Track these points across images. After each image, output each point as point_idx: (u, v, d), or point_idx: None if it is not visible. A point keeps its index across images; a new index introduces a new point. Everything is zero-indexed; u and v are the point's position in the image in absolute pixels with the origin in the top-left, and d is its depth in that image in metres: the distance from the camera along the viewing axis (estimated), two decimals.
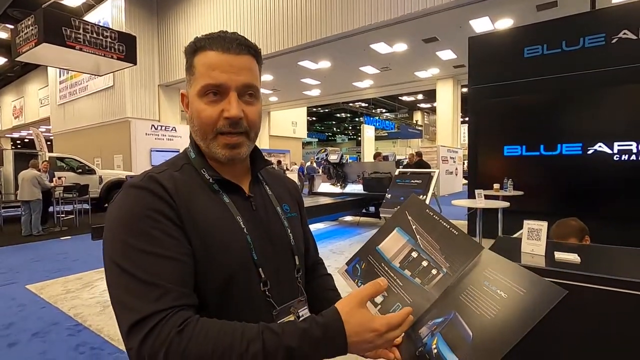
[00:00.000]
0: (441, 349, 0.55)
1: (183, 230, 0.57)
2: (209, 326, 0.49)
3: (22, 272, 4.52)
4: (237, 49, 0.62)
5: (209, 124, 0.62)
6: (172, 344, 0.47)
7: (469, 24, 9.22)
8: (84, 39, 7.30)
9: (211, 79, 0.61)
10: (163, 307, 0.50)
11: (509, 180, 4.88)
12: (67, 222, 8.12)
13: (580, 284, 1.29)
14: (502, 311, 0.53)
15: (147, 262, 0.52)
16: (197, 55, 0.63)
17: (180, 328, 0.48)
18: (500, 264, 0.59)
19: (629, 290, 1.21)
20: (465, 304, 0.57)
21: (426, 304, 0.61)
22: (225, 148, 0.64)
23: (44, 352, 2.54)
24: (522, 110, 5.23)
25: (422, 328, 0.59)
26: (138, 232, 0.54)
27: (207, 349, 0.47)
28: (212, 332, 0.48)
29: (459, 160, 15.42)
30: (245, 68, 0.63)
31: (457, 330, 0.55)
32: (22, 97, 23.16)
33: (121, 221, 0.55)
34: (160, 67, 14.32)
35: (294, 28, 10.23)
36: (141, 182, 0.59)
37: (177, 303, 0.51)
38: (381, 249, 0.70)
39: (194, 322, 0.49)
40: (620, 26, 4.49)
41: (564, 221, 1.92)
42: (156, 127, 13.64)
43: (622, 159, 4.48)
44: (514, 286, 0.54)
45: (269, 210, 0.72)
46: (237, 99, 0.62)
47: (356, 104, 26.30)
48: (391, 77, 14.66)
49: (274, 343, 0.48)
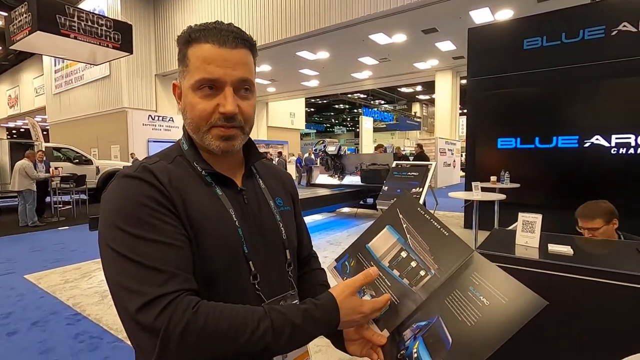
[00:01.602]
0: (421, 354, 0.55)
1: (180, 220, 0.58)
2: (221, 307, 0.52)
3: (20, 262, 4.53)
4: (233, 43, 0.61)
5: (203, 118, 0.62)
6: (190, 322, 0.49)
7: (468, 15, 9.14)
8: (78, 27, 7.19)
9: (206, 74, 0.60)
10: (171, 289, 0.50)
11: (506, 173, 4.90)
12: (64, 212, 8.11)
13: (572, 276, 1.31)
14: (482, 319, 0.53)
15: (147, 248, 0.53)
16: (192, 47, 0.62)
17: (195, 309, 0.50)
18: (487, 269, 0.58)
19: (620, 282, 1.23)
20: (448, 309, 0.57)
21: (413, 306, 0.61)
22: (220, 140, 0.63)
23: (44, 340, 2.56)
24: (521, 102, 5.22)
25: (406, 331, 0.60)
26: (135, 220, 0.54)
27: (224, 326, 0.50)
28: (225, 312, 0.51)
29: (456, 152, 15.43)
30: (241, 62, 0.62)
31: (438, 335, 0.55)
32: (17, 86, 22.89)
33: (117, 210, 0.55)
34: (157, 56, 14.16)
35: (293, 18, 10.11)
36: (135, 172, 0.59)
37: (184, 287, 0.52)
38: (371, 247, 0.69)
39: (205, 303, 0.52)
40: (620, 18, 4.46)
41: (592, 202, 1.88)
42: (153, 118, 13.56)
43: (620, 152, 4.49)
44: (497, 294, 0.54)
45: (261, 203, 0.71)
46: (232, 94, 0.61)
47: (355, 95, 26.16)
48: (390, 68, 14.57)
49: (280, 321, 0.53)
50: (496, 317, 0.52)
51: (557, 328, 1.35)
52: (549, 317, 1.35)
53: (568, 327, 1.34)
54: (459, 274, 0.59)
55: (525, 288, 0.53)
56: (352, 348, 0.67)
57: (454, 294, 0.58)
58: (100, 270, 4.09)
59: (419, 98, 28.92)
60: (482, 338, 0.52)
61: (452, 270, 0.60)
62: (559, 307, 1.33)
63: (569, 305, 1.32)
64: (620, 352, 1.25)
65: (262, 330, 0.51)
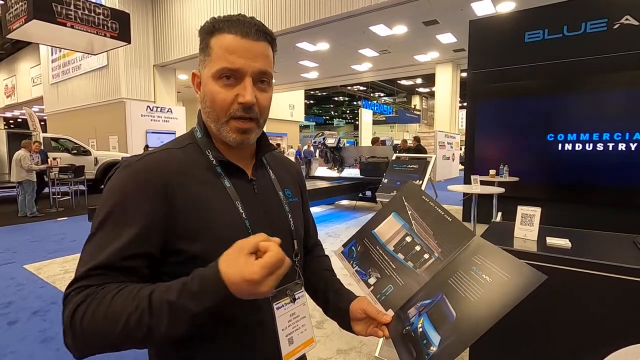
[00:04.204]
0: (426, 328, 0.58)
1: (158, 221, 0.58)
2: (104, 296, 0.51)
3: (20, 252, 4.54)
4: (256, 35, 0.63)
5: (223, 107, 0.63)
6: (74, 320, 0.51)
7: (470, 7, 9.05)
8: (75, 15, 7.09)
9: (228, 63, 0.61)
10: (79, 285, 0.53)
11: (505, 167, 4.91)
12: (63, 203, 8.10)
13: (570, 269, 1.32)
14: (485, 294, 0.55)
15: (99, 237, 0.57)
16: (214, 37, 0.63)
17: (75, 307, 0.51)
18: (489, 250, 0.61)
19: (617, 274, 1.24)
20: (452, 287, 0.59)
21: (416, 287, 0.63)
22: (237, 132, 0.64)
23: (44, 330, 2.58)
24: (522, 95, 5.21)
25: (411, 309, 0.62)
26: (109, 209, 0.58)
27: (98, 319, 0.50)
28: (105, 302, 0.51)
29: (456, 145, 15.41)
30: (261, 54, 0.63)
31: (443, 311, 0.57)
32: (14, 75, 22.66)
33: (105, 197, 0.59)
34: (156, 47, 13.99)
35: (292, 8, 9.99)
36: (136, 163, 0.61)
37: (93, 282, 0.54)
38: (377, 233, 0.72)
39: (93, 297, 0.52)
40: (622, 11, 4.43)
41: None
42: (152, 109, 13.45)
43: (619, 147, 4.50)
44: (499, 271, 0.56)
45: (270, 194, 0.73)
46: (251, 85, 0.62)
47: (354, 88, 26.02)
48: (390, 60, 14.46)
49: (158, 299, 0.50)
50: (498, 292, 0.55)
51: (555, 319, 1.37)
52: (547, 309, 1.36)
53: (565, 319, 1.36)
54: (462, 256, 0.62)
55: (525, 264, 0.56)
56: (357, 327, 0.70)
57: (457, 274, 0.60)
58: None
59: (419, 91, 28.77)
60: (485, 311, 0.54)
61: (455, 253, 0.63)
62: (556, 299, 1.34)
63: (566, 297, 1.33)
64: (616, 344, 1.27)
65: (139, 312, 0.49)
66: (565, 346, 1.37)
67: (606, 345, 1.28)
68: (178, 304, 0.49)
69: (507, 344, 1.43)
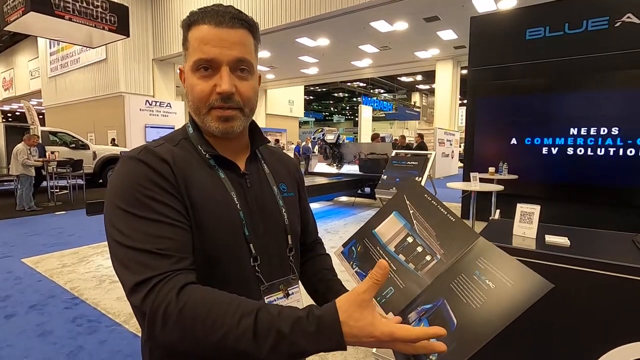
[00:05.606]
0: None
1: (180, 201, 0.58)
2: (208, 293, 0.50)
3: (18, 246, 4.53)
4: (230, 23, 0.61)
5: (202, 99, 0.62)
6: (170, 303, 0.48)
7: (471, 3, 9.01)
8: (73, 8, 7.02)
9: (203, 54, 0.60)
10: (161, 270, 0.51)
11: (504, 164, 4.91)
12: (61, 197, 8.08)
13: (568, 267, 1.32)
14: (488, 302, 0.53)
15: (143, 228, 0.54)
16: (191, 30, 0.63)
17: (179, 290, 0.49)
18: (493, 253, 0.58)
19: (616, 273, 1.24)
20: (454, 292, 0.57)
21: (418, 290, 0.61)
22: (218, 121, 0.63)
23: (42, 323, 2.58)
24: (522, 93, 5.19)
25: (412, 313, 0.60)
26: (133, 200, 0.55)
27: (202, 312, 0.47)
28: (209, 298, 0.49)
29: (455, 143, 15.41)
30: (238, 42, 0.62)
31: (443, 317, 0.55)
32: (12, 68, 22.53)
33: (117, 190, 0.57)
34: (155, 40, 13.91)
35: (292, 3, 9.93)
36: (138, 154, 0.60)
37: (175, 267, 0.52)
38: (377, 233, 0.70)
39: (193, 286, 0.51)
40: (624, 9, 4.41)
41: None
42: (151, 103, 13.40)
43: (619, 144, 4.50)
44: (504, 277, 0.54)
45: (264, 188, 0.72)
46: (229, 74, 0.61)
47: (354, 84, 25.95)
48: (391, 56, 14.42)
49: (267, 323, 0.46)
50: (502, 300, 0.53)
51: (553, 317, 1.37)
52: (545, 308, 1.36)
53: (563, 317, 1.36)
54: (465, 259, 0.60)
55: (531, 271, 0.53)
56: None
57: (459, 278, 0.58)
58: (98, 255, 4.11)
59: (419, 88, 28.71)
60: (487, 320, 0.52)
61: (457, 255, 0.61)
62: (555, 297, 1.34)
63: (565, 296, 1.33)
64: (615, 343, 1.27)
65: (242, 328, 0.46)
66: (563, 344, 1.37)
67: (604, 343, 1.28)
68: (289, 339, 0.46)
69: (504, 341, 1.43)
